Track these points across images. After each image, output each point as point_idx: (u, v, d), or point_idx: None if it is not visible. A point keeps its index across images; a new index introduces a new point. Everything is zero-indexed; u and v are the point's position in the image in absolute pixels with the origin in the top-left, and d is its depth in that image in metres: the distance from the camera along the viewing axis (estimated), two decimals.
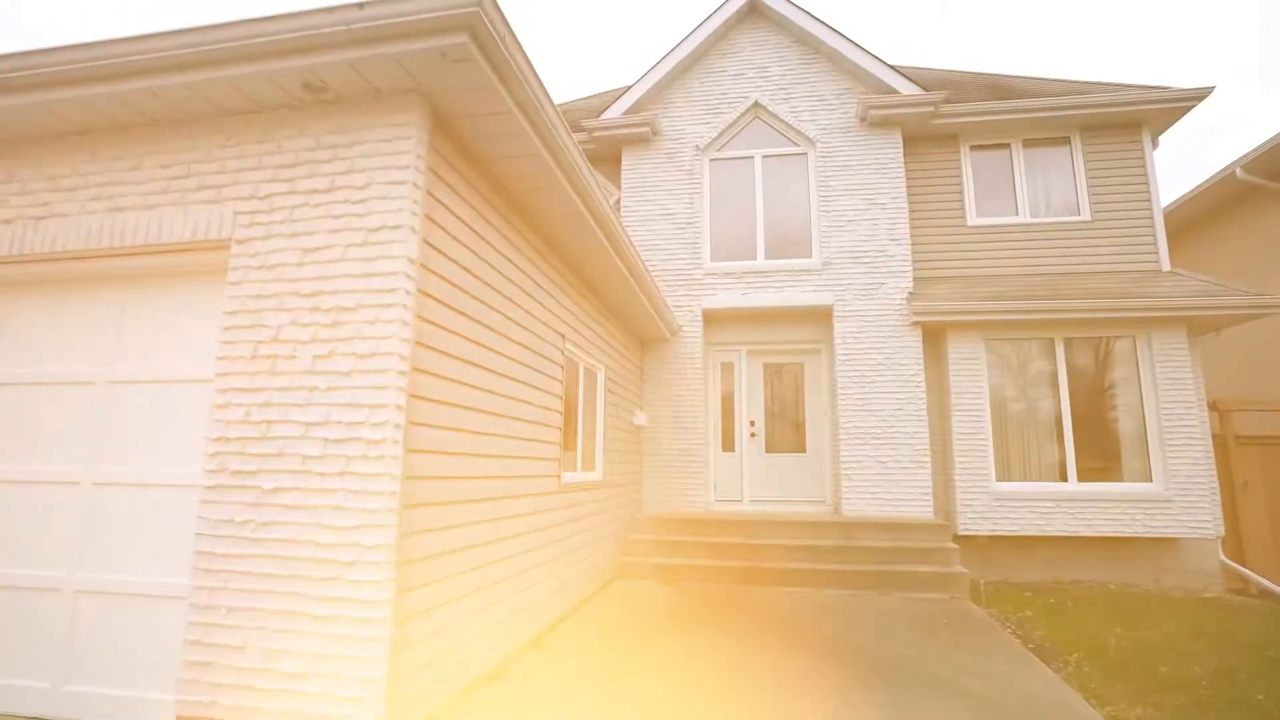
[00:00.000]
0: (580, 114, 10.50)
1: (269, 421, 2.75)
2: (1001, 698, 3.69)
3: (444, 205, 3.09)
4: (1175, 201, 11.27)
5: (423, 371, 2.89)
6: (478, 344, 3.49)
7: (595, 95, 12.16)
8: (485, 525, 3.55)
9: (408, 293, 2.76)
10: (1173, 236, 12.37)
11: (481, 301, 3.54)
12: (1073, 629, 5.29)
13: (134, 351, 3.24)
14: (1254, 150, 9.67)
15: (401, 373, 2.70)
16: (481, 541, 3.49)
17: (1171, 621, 5.52)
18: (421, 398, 2.87)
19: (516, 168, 3.57)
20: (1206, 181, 10.58)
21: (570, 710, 3.29)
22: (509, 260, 3.91)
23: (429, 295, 2.95)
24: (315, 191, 2.90)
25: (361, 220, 2.82)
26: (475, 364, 3.47)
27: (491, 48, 2.65)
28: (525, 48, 2.85)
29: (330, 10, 2.56)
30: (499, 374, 3.77)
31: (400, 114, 2.87)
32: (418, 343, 2.84)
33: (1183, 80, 56.32)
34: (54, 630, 3.04)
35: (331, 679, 2.51)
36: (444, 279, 3.11)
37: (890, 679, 3.92)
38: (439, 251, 3.05)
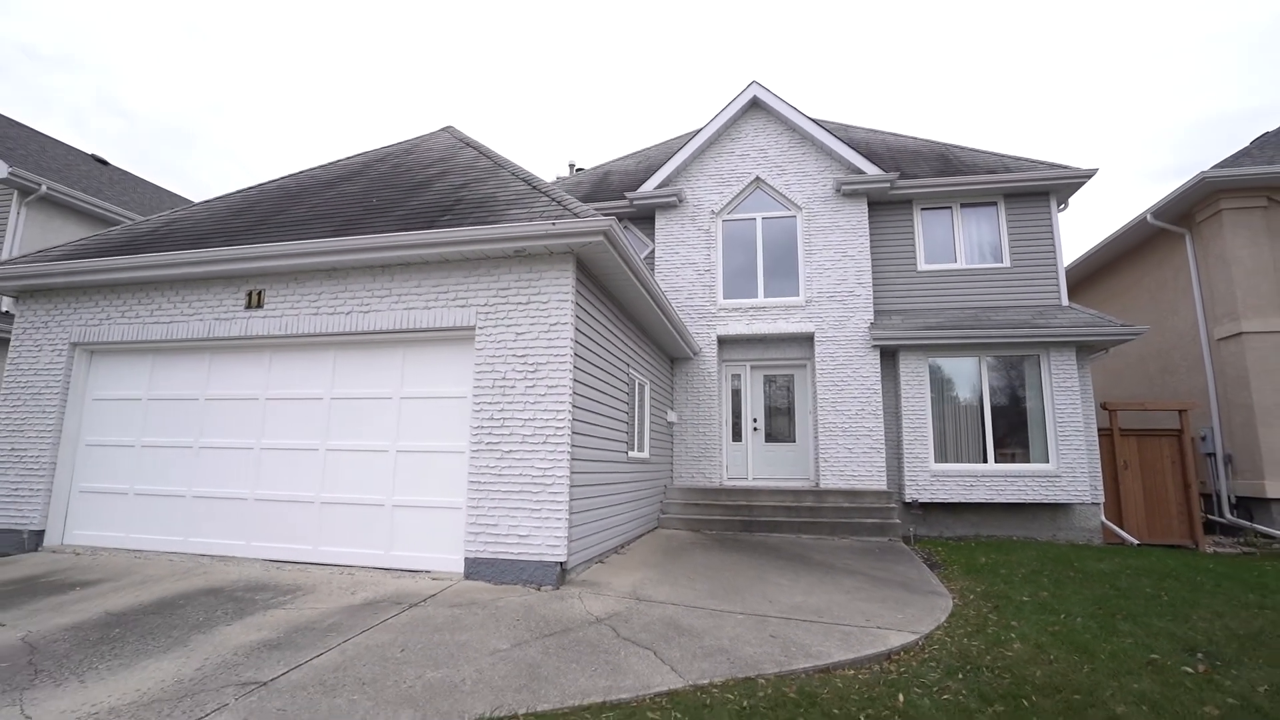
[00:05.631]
0: (620, 176, 13.39)
1: (504, 418, 5.63)
2: (890, 578, 6.47)
3: (582, 307, 5.95)
4: (1101, 242, 13.79)
5: (577, 394, 5.75)
6: (595, 377, 6.36)
7: (629, 155, 14.99)
8: (599, 475, 6.42)
9: (570, 356, 5.61)
10: (1099, 270, 15.00)
11: (597, 355, 6.40)
12: (962, 555, 8.01)
13: (412, 381, 6.15)
14: (1160, 200, 12.20)
15: (570, 395, 5.55)
16: (595, 484, 6.35)
17: (1032, 553, 8.21)
18: (577, 407, 5.74)
19: (613, 279, 6.44)
20: (1125, 225, 13.10)
21: (646, 574, 6.15)
22: (606, 327, 6.76)
23: (579, 355, 5.80)
24: (520, 303, 5.77)
25: (546, 318, 5.68)
26: (594, 388, 6.33)
27: (613, 238, 5.50)
28: (624, 233, 5.67)
29: (537, 225, 5.42)
30: (603, 392, 6.64)
31: (564, 264, 5.73)
32: (575, 379, 5.69)
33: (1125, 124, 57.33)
34: (381, 525, 5.96)
35: (542, 538, 5.37)
36: (584, 346, 5.97)
37: (828, 570, 6.73)
38: (581, 332, 5.90)
